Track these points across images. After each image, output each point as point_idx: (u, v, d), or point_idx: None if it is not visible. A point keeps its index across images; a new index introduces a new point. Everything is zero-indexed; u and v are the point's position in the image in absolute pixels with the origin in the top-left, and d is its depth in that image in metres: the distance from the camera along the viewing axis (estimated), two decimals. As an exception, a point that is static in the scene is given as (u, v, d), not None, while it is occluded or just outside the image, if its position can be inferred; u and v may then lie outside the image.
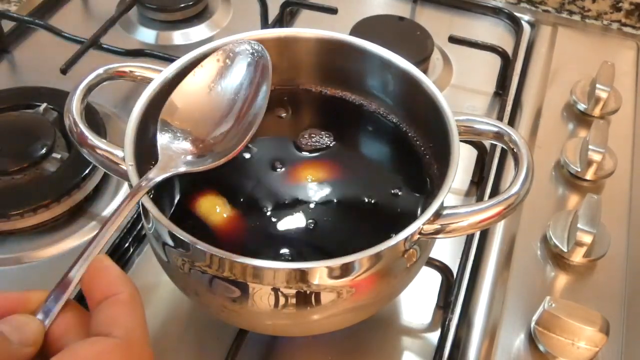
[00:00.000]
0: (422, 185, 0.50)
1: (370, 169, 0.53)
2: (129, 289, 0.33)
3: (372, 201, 0.49)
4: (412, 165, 0.51)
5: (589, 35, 0.82)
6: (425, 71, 0.74)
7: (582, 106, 0.69)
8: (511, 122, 0.70)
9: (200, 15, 0.81)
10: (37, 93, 0.66)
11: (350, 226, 0.48)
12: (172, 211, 0.47)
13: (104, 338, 0.31)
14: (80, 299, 0.34)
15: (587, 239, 0.54)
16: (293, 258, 0.45)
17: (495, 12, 0.82)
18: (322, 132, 0.53)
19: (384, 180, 0.51)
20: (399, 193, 0.50)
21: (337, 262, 0.39)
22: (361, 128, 0.56)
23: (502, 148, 0.53)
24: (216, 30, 0.80)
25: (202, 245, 0.39)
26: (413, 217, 0.41)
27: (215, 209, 0.48)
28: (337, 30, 0.53)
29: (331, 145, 0.52)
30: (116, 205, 0.59)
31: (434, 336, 0.52)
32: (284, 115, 0.56)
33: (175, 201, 0.48)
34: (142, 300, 0.33)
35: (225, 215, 0.47)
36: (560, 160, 0.64)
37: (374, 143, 0.56)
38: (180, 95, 0.46)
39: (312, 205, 0.48)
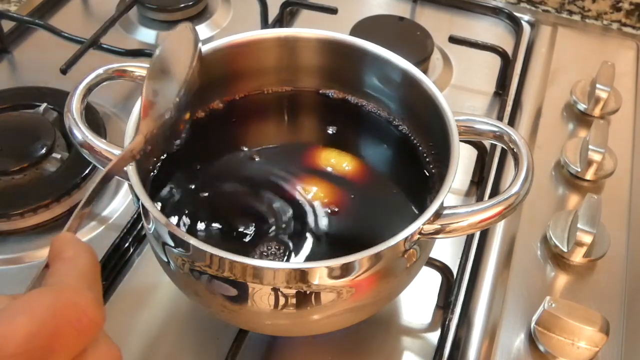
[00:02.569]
0: (423, 186, 0.50)
1: (370, 170, 0.52)
2: (73, 249, 0.33)
3: (372, 201, 0.49)
4: (412, 166, 0.51)
5: (589, 35, 0.82)
6: (425, 71, 0.74)
7: (582, 106, 0.69)
8: (511, 122, 0.70)
9: (200, 15, 0.81)
10: (37, 93, 0.66)
11: (350, 226, 0.48)
12: (172, 211, 0.47)
13: (34, 290, 0.30)
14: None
15: (587, 239, 0.54)
16: (293, 258, 0.45)
17: (495, 12, 0.82)
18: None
19: (384, 181, 0.51)
20: (399, 193, 0.50)
21: (337, 262, 0.39)
22: (361, 128, 0.56)
23: (502, 148, 0.53)
24: (216, 30, 0.80)
25: (202, 245, 0.39)
26: (413, 218, 0.41)
27: (215, 210, 0.48)
28: (337, 30, 0.53)
29: (333, 146, 0.53)
30: (116, 205, 0.60)
31: (434, 336, 0.52)
32: (284, 116, 0.56)
33: (175, 201, 0.48)
34: (91, 259, 0.33)
35: (225, 217, 0.47)
36: (560, 160, 0.64)
37: (374, 143, 0.56)
38: None
39: (312, 206, 0.48)
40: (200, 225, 0.46)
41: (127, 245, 0.57)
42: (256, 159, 0.52)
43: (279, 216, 0.47)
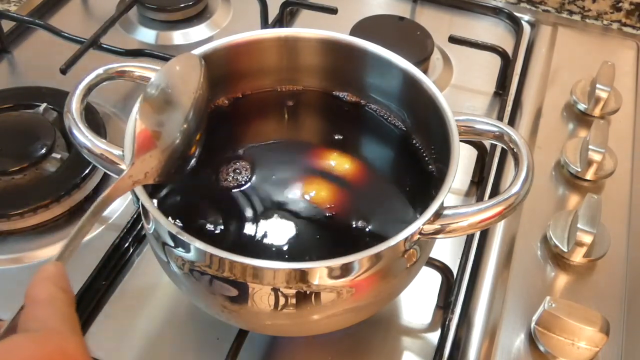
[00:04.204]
0: (423, 186, 0.50)
1: (370, 169, 0.52)
2: (47, 289, 0.33)
3: (372, 201, 0.49)
4: (412, 165, 0.51)
5: (589, 35, 0.82)
6: (425, 71, 0.74)
7: (582, 106, 0.69)
8: (511, 122, 0.70)
9: (200, 15, 0.81)
10: (37, 93, 0.66)
11: (350, 226, 0.48)
12: (171, 211, 0.47)
13: (16, 334, 0.30)
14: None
15: (587, 239, 0.54)
16: (293, 258, 0.45)
17: (495, 12, 0.82)
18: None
19: (384, 181, 0.51)
20: (399, 193, 0.50)
21: (337, 262, 0.39)
22: (361, 128, 0.56)
23: (502, 148, 0.53)
24: (216, 30, 0.80)
25: (202, 245, 0.39)
26: (413, 218, 0.41)
27: (215, 209, 0.48)
28: (337, 30, 0.53)
29: (333, 145, 0.53)
30: (116, 205, 0.60)
31: (434, 336, 0.52)
32: (285, 115, 0.56)
33: (175, 201, 0.48)
34: (69, 298, 0.33)
35: (224, 216, 0.47)
36: (560, 160, 0.64)
37: (374, 143, 0.56)
38: None
39: (312, 206, 0.48)
40: (201, 225, 0.46)
41: (127, 245, 0.57)
42: (256, 158, 0.52)
43: (279, 215, 0.47)
